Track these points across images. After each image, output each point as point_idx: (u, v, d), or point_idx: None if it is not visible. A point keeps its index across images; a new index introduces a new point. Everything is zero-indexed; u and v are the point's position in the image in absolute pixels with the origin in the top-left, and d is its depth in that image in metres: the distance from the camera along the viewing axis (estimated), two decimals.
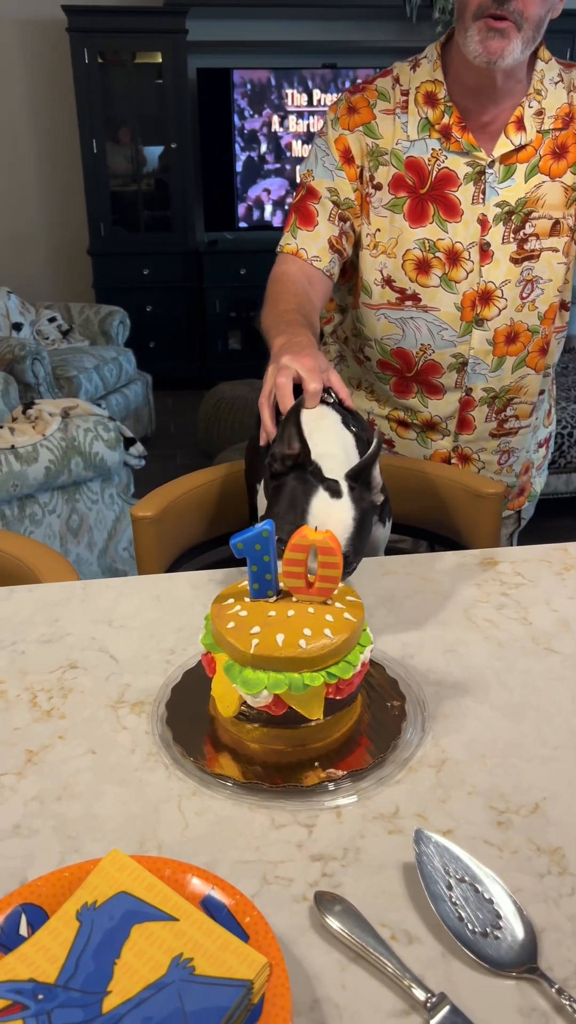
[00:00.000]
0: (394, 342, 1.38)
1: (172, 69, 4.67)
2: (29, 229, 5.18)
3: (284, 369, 1.00)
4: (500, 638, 0.92)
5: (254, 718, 0.73)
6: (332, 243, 1.35)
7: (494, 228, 1.30)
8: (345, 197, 1.33)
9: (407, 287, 1.33)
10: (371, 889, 0.62)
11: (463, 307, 1.33)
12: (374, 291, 1.36)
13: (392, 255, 1.33)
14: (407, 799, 0.70)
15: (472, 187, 1.29)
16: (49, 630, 0.95)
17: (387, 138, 1.30)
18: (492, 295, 1.32)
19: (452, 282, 1.32)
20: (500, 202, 1.29)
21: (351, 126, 1.32)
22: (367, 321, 1.39)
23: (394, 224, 1.32)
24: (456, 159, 1.28)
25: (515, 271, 1.31)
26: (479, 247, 1.30)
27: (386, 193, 1.31)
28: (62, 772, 0.74)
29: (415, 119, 1.29)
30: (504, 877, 0.62)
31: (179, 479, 1.35)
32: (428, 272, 1.32)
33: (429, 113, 1.28)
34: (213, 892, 0.58)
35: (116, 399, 4.21)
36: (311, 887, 0.62)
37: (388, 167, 1.31)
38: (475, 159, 1.28)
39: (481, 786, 0.71)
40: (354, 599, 0.77)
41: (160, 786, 0.72)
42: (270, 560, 0.74)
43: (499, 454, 1.47)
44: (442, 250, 1.31)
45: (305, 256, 1.34)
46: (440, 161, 1.29)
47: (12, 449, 2.38)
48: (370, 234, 1.34)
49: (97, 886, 0.57)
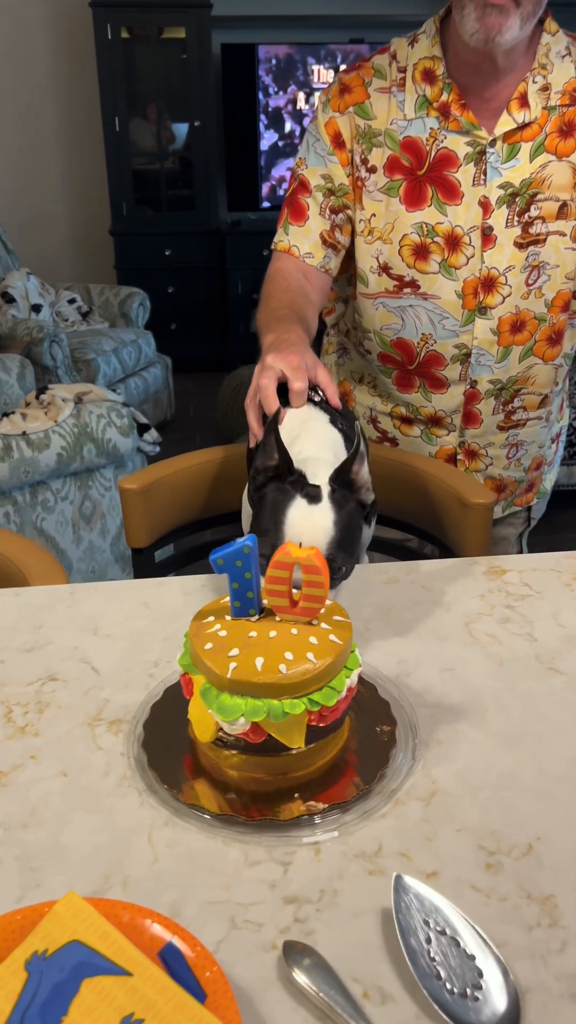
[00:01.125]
0: (393, 332, 1.32)
1: (196, 45, 4.58)
2: (50, 208, 5.14)
3: (268, 370, 0.96)
4: (502, 655, 0.87)
5: (232, 744, 0.69)
6: (324, 238, 1.30)
7: (497, 211, 1.23)
8: (339, 183, 1.28)
9: (405, 274, 1.27)
10: (346, 938, 0.58)
11: (464, 294, 1.27)
12: (370, 279, 1.30)
13: (388, 241, 1.27)
14: (391, 836, 0.66)
15: (473, 168, 1.22)
16: (31, 637, 0.92)
17: (381, 118, 1.24)
18: (495, 282, 1.26)
19: (452, 268, 1.26)
20: (504, 183, 1.22)
21: (342, 108, 1.26)
22: (365, 312, 1.33)
23: (390, 208, 1.26)
24: (456, 138, 1.22)
25: (520, 256, 1.25)
26: (480, 231, 1.24)
27: (381, 176, 1.25)
28: (31, 795, 0.70)
29: (412, 97, 1.23)
30: (490, 928, 0.58)
31: (175, 457, 1.37)
32: (426, 258, 1.26)
33: (427, 91, 1.22)
34: (174, 941, 0.54)
35: (135, 382, 4.18)
36: (281, 934, 0.58)
37: (383, 149, 1.24)
38: (475, 138, 1.21)
39: (471, 822, 0.67)
40: (342, 619, 0.72)
41: (131, 814, 0.68)
42: (252, 577, 0.70)
43: (507, 448, 1.41)
44: (441, 234, 1.24)
45: (297, 253, 1.30)
46: (439, 141, 1.22)
47: (24, 435, 2.36)
48: (364, 220, 1.28)
49: (49, 932, 0.54)
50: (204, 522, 1.41)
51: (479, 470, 1.42)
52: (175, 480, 1.35)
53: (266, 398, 0.95)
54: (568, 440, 3.32)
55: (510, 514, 1.52)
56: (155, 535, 1.35)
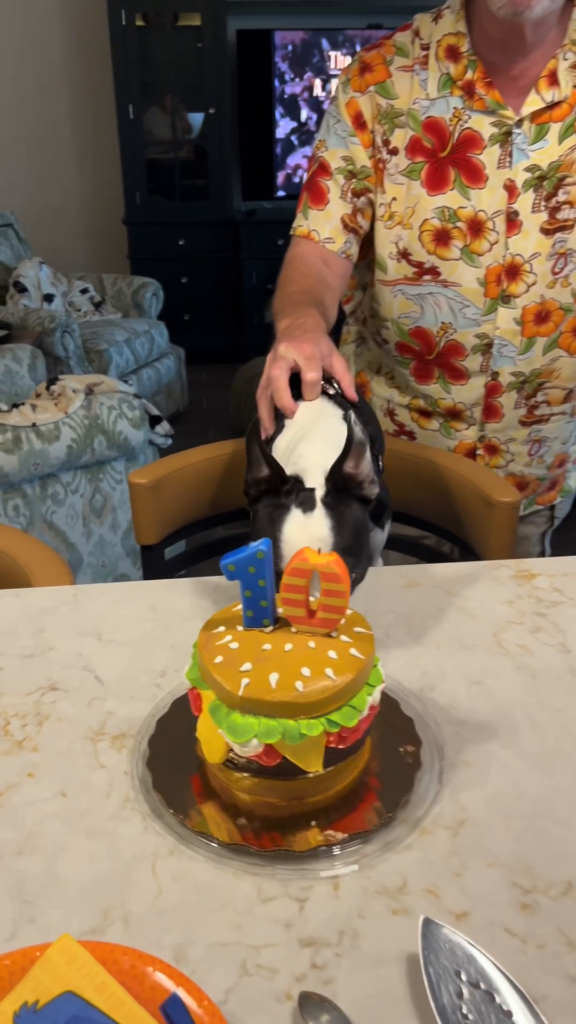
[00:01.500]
0: (412, 321, 1.26)
1: (211, 31, 4.51)
2: (63, 198, 5.09)
3: (280, 359, 0.90)
4: (534, 667, 0.82)
5: (244, 767, 0.63)
6: (345, 222, 1.23)
7: (523, 195, 1.16)
8: (361, 165, 1.21)
9: (425, 260, 1.21)
10: (368, 988, 0.52)
11: (487, 282, 1.20)
12: (389, 265, 1.24)
13: (408, 226, 1.20)
14: (417, 870, 0.60)
15: (498, 149, 1.15)
16: (32, 642, 0.87)
17: (403, 98, 1.17)
18: (520, 269, 1.19)
19: (474, 255, 1.19)
20: (531, 166, 1.15)
21: (362, 87, 1.19)
22: (383, 299, 1.27)
23: (411, 192, 1.19)
24: (480, 118, 1.15)
25: (546, 243, 1.18)
26: (505, 216, 1.17)
27: (402, 158, 1.19)
28: (27, 818, 0.65)
29: (435, 75, 1.16)
30: (527, 980, 0.52)
31: (186, 451, 1.32)
32: (448, 243, 1.19)
33: (451, 68, 1.15)
34: (179, 992, 0.49)
35: (147, 373, 4.13)
36: (297, 982, 0.53)
37: (405, 129, 1.18)
38: (501, 118, 1.14)
39: (504, 856, 0.61)
40: (363, 631, 0.66)
41: (134, 841, 0.63)
42: (266, 585, 0.64)
43: (529, 444, 1.34)
44: (463, 219, 1.18)
45: (317, 238, 1.24)
46: (463, 121, 1.16)
47: (33, 427, 2.31)
48: (385, 204, 1.22)
49: (41, 981, 0.49)
50: (216, 518, 1.36)
51: (499, 466, 1.36)
52: (186, 475, 1.30)
53: (277, 390, 0.89)
54: None
55: (532, 512, 1.46)
56: (165, 531, 1.30)
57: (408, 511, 1.33)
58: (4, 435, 2.24)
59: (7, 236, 4.36)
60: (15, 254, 4.34)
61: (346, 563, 0.76)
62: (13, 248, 4.36)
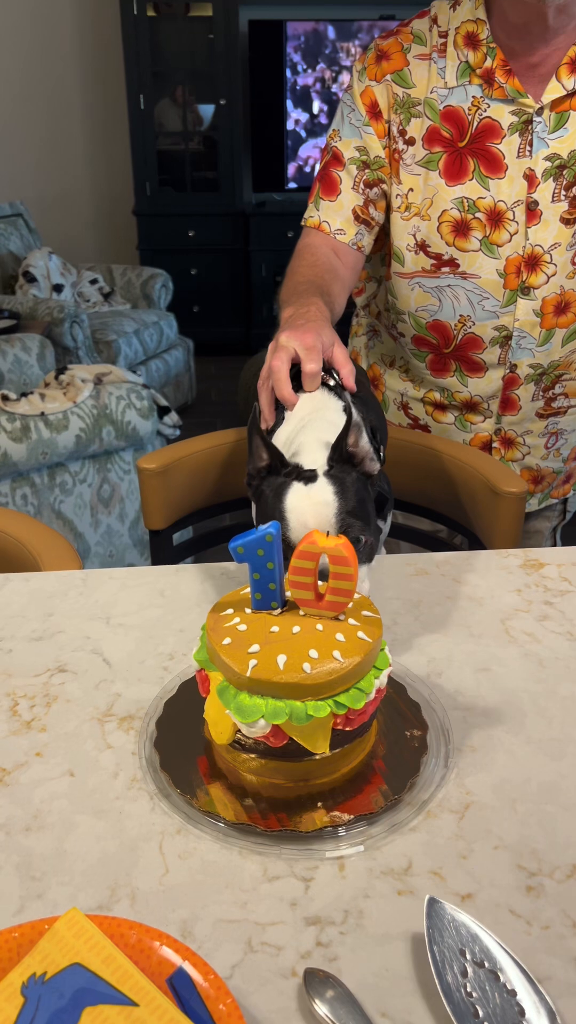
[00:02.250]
0: (430, 314, 1.25)
1: (223, 22, 4.49)
2: (73, 188, 5.09)
3: (281, 350, 0.90)
4: (541, 655, 0.82)
5: (251, 748, 0.64)
6: (357, 213, 1.23)
7: (543, 184, 1.15)
8: (375, 155, 1.21)
9: (443, 252, 1.20)
10: (373, 966, 0.53)
11: (507, 274, 1.19)
12: (407, 257, 1.23)
13: (426, 217, 1.20)
14: (422, 852, 0.60)
15: (518, 138, 1.14)
16: (41, 626, 0.87)
17: (420, 87, 1.17)
18: (540, 260, 1.18)
19: (494, 246, 1.18)
20: (551, 155, 1.14)
21: (378, 76, 1.18)
22: (400, 292, 1.26)
23: (428, 183, 1.18)
24: (500, 107, 1.14)
25: (566, 233, 1.17)
26: (525, 206, 1.16)
27: (420, 148, 1.18)
28: (35, 797, 0.66)
29: (454, 63, 1.15)
30: (531, 960, 0.52)
31: (193, 439, 1.33)
32: (467, 235, 1.19)
33: (470, 56, 1.14)
34: (185, 967, 0.49)
35: (156, 365, 4.13)
36: (302, 959, 0.53)
37: (422, 119, 1.17)
38: (521, 107, 1.13)
39: (509, 839, 0.61)
40: (371, 614, 0.67)
41: (141, 820, 0.63)
42: (275, 568, 0.64)
43: (546, 436, 1.34)
44: (483, 210, 1.17)
45: (328, 229, 1.23)
46: (482, 110, 1.15)
47: (42, 416, 2.32)
48: (401, 195, 1.21)
49: (49, 953, 0.49)
50: (224, 505, 1.36)
51: (515, 459, 1.35)
52: (194, 461, 1.30)
53: (278, 381, 0.89)
54: None
55: (546, 507, 1.45)
56: (173, 517, 1.31)
57: (416, 501, 1.33)
58: (13, 424, 2.24)
59: (17, 226, 4.36)
60: (25, 244, 4.35)
61: (354, 526, 0.78)
62: (23, 238, 4.36)
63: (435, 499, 1.31)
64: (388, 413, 1.42)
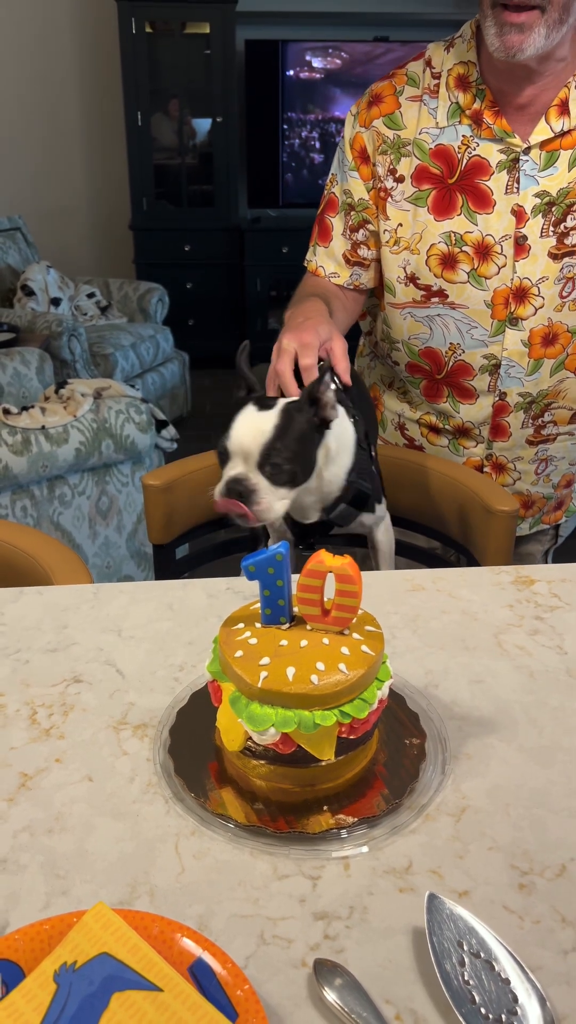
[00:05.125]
0: (422, 342, 1.30)
1: (220, 40, 4.57)
2: (71, 202, 5.14)
3: (283, 354, 1.01)
4: (532, 668, 0.86)
5: (261, 754, 0.68)
6: (347, 257, 1.31)
7: (532, 220, 1.20)
8: (359, 198, 1.27)
9: (432, 283, 1.26)
10: (377, 957, 0.57)
11: (494, 304, 1.24)
12: (397, 289, 1.28)
13: (415, 251, 1.25)
14: (422, 852, 0.65)
15: (506, 175, 1.19)
16: (56, 638, 0.91)
17: (411, 127, 1.22)
18: (528, 292, 1.23)
19: (482, 278, 1.23)
20: (540, 192, 1.19)
21: (367, 122, 1.25)
22: (393, 322, 1.32)
23: (417, 218, 1.24)
24: (488, 146, 1.19)
25: (554, 267, 1.22)
26: (513, 240, 1.21)
27: (408, 186, 1.23)
28: (56, 800, 0.70)
29: (445, 104, 1.20)
30: (524, 952, 0.57)
31: (195, 456, 1.38)
32: (454, 267, 1.24)
33: (460, 97, 1.19)
34: (204, 956, 0.53)
35: (152, 378, 4.17)
36: (312, 951, 0.57)
37: (411, 159, 1.22)
38: (509, 146, 1.18)
39: (503, 840, 0.66)
40: (374, 629, 0.71)
41: (157, 822, 0.67)
42: (284, 585, 0.69)
43: (536, 463, 1.38)
44: (470, 243, 1.22)
45: (324, 273, 1.33)
46: (471, 149, 1.20)
47: (43, 429, 2.36)
48: (390, 230, 1.27)
49: (78, 944, 0.53)
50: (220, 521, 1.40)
51: (507, 484, 1.40)
52: (197, 478, 1.34)
53: (285, 384, 1.00)
54: None
55: (538, 531, 1.49)
56: (176, 532, 1.35)
57: (412, 518, 1.38)
58: (14, 437, 2.28)
59: (15, 240, 4.41)
60: (23, 258, 4.39)
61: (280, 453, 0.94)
62: (21, 252, 4.41)
63: (430, 516, 1.36)
64: (385, 432, 1.47)
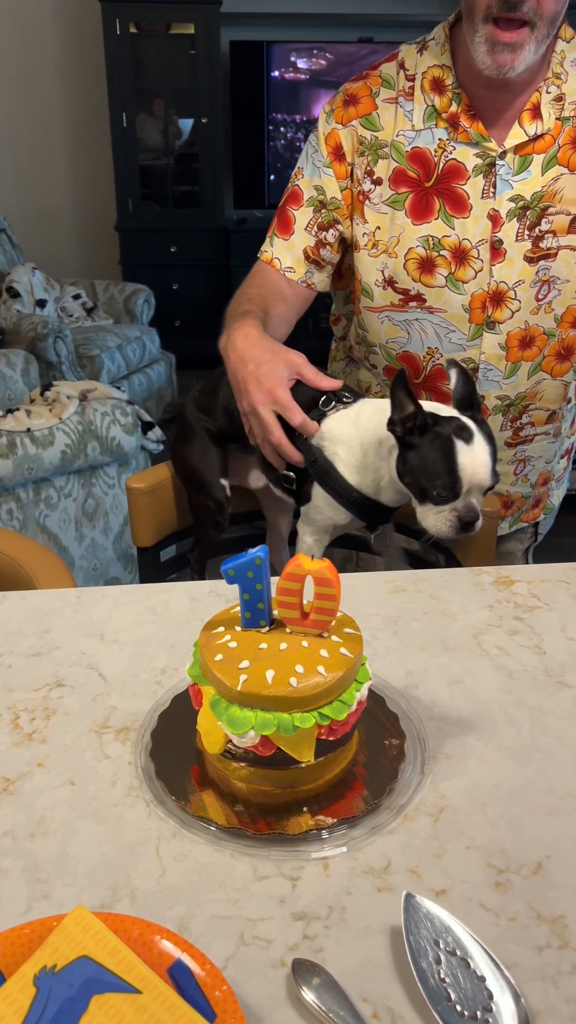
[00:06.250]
0: (399, 346, 1.31)
1: (204, 41, 4.57)
2: (56, 203, 5.13)
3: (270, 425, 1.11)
4: (511, 668, 0.87)
5: (241, 757, 0.68)
6: (308, 253, 1.30)
7: (507, 224, 1.21)
8: (331, 196, 1.27)
9: (410, 287, 1.26)
10: (355, 956, 0.57)
11: (471, 308, 1.25)
12: (375, 293, 1.29)
13: (393, 254, 1.25)
14: (400, 852, 0.65)
15: (482, 180, 1.20)
16: (39, 642, 0.91)
17: (388, 129, 1.22)
18: (504, 296, 1.24)
19: (459, 282, 1.24)
20: (514, 196, 1.20)
21: (345, 120, 1.24)
22: (370, 326, 1.32)
23: (395, 221, 1.24)
24: (464, 150, 1.20)
25: (530, 271, 1.23)
26: (490, 244, 1.22)
27: (386, 188, 1.23)
28: (38, 805, 0.70)
29: (421, 107, 1.21)
30: (499, 949, 0.58)
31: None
32: (432, 271, 1.24)
33: (436, 100, 1.20)
34: (183, 958, 0.54)
35: (139, 379, 4.17)
36: (291, 951, 0.58)
37: (388, 160, 1.22)
38: (485, 150, 1.19)
39: (480, 839, 0.67)
40: (353, 631, 0.72)
41: (139, 825, 0.68)
42: (263, 588, 0.69)
43: (515, 464, 1.39)
44: (448, 248, 1.23)
45: (279, 266, 1.30)
46: (447, 152, 1.20)
47: (28, 432, 2.35)
48: (367, 233, 1.27)
49: (58, 948, 0.54)
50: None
51: None
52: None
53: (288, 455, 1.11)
54: None
55: (517, 530, 1.51)
56: (160, 534, 1.35)
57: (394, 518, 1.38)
58: None
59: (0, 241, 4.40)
60: (8, 259, 4.38)
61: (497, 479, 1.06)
62: (6, 253, 4.39)
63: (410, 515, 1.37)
64: None
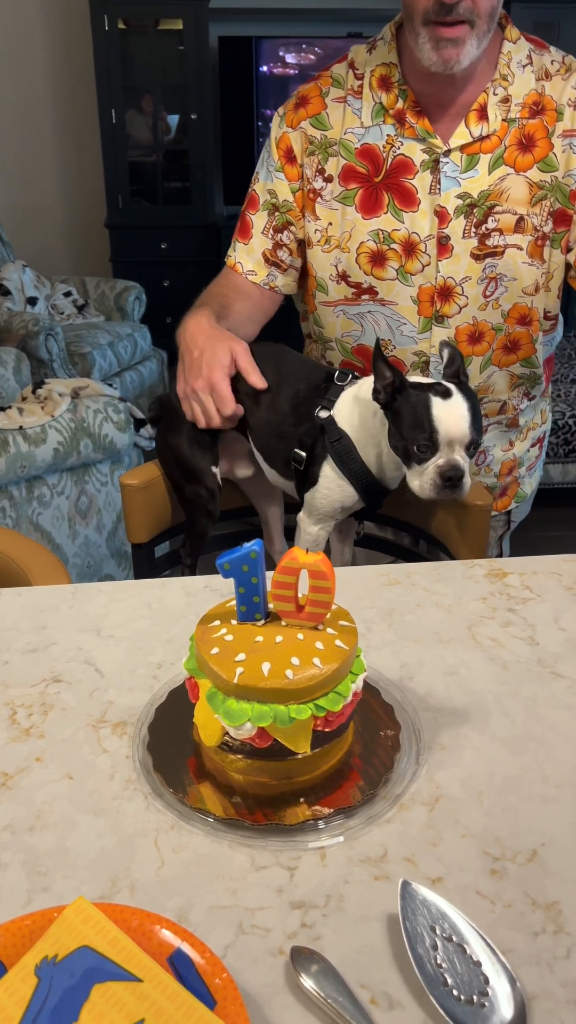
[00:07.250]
0: (354, 339, 1.32)
1: (193, 37, 4.55)
2: (46, 200, 5.11)
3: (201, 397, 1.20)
4: (504, 659, 0.88)
5: (238, 749, 0.69)
6: (267, 256, 1.32)
7: (455, 221, 1.22)
8: (283, 199, 1.29)
9: (363, 281, 1.27)
10: (353, 943, 0.58)
11: (420, 301, 1.26)
12: (329, 287, 1.30)
13: (346, 249, 1.27)
14: (396, 841, 0.66)
15: (428, 176, 1.21)
16: (35, 638, 0.92)
17: (336, 128, 1.24)
18: (452, 292, 1.25)
19: (408, 274, 1.26)
20: (461, 193, 1.21)
21: (295, 123, 1.26)
22: (325, 321, 1.34)
23: (346, 217, 1.26)
24: (412, 145, 1.21)
25: (476, 268, 1.24)
26: (436, 240, 1.23)
27: (336, 185, 1.25)
28: (37, 799, 0.70)
29: (369, 104, 1.22)
30: (495, 935, 0.58)
31: None
32: (383, 264, 1.26)
33: (383, 98, 1.22)
34: (183, 947, 0.55)
35: (130, 376, 4.16)
36: (289, 939, 0.58)
37: (338, 158, 1.24)
38: (431, 146, 1.21)
39: (475, 828, 0.67)
40: (347, 623, 0.72)
41: (137, 818, 0.68)
42: (258, 582, 0.70)
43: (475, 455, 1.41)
44: (398, 241, 1.24)
45: (241, 270, 1.34)
46: (395, 148, 1.22)
47: (20, 430, 2.35)
48: (320, 230, 1.28)
49: (59, 938, 0.54)
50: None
51: None
52: None
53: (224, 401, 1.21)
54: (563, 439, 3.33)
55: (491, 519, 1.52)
56: (154, 531, 1.36)
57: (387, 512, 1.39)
58: None
59: None
60: None
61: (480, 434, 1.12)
62: None
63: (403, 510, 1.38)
64: None
